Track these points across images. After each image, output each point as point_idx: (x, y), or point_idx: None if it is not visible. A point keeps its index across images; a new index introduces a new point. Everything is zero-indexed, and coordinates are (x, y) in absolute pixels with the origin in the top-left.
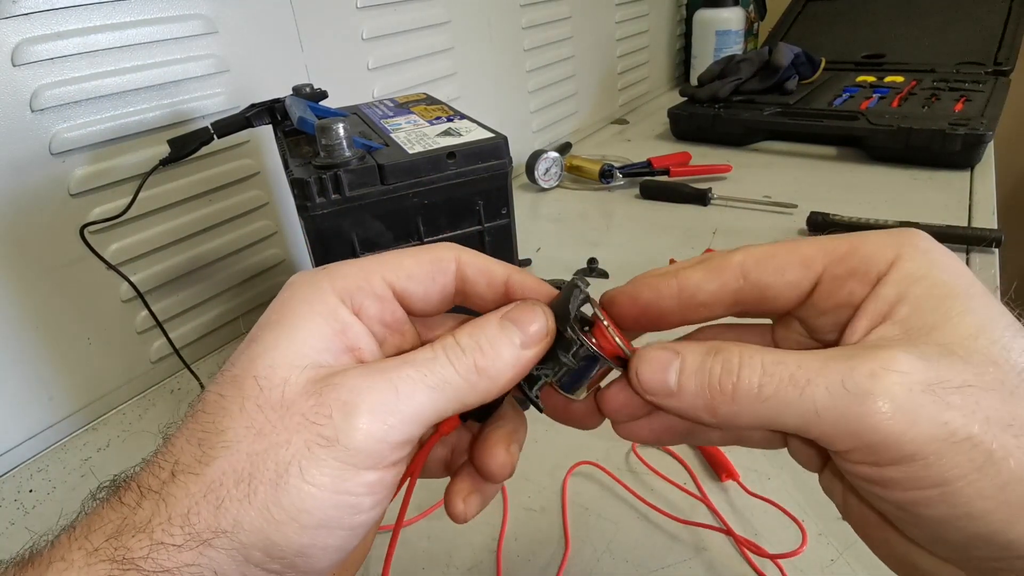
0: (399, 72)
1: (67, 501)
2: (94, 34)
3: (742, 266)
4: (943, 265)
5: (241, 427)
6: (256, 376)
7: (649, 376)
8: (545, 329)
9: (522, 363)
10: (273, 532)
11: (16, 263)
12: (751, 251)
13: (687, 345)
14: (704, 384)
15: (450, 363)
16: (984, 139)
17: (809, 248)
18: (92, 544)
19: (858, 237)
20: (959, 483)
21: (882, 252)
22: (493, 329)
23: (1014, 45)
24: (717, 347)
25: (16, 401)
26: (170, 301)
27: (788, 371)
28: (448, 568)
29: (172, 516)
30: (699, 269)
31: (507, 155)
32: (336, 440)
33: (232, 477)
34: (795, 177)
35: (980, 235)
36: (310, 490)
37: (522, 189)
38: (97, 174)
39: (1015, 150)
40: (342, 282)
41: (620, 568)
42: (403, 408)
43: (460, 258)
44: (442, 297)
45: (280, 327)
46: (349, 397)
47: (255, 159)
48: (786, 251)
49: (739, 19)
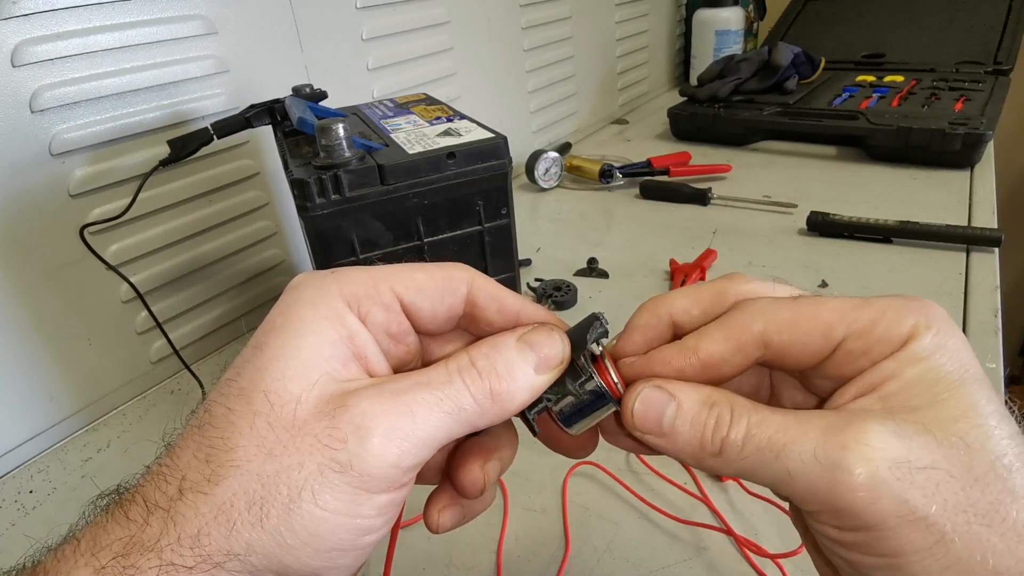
0: (399, 72)
1: (67, 502)
2: (94, 35)
3: (764, 335)
4: (950, 350)
5: (252, 446)
6: (266, 391)
7: (642, 417)
8: (561, 355)
9: (536, 389)
10: (286, 556)
11: (16, 264)
12: (771, 318)
13: (682, 389)
14: (697, 436)
15: (466, 387)
16: (984, 138)
17: (831, 315)
18: (99, 562)
19: (879, 310)
20: (910, 558)
21: (898, 331)
22: (510, 352)
23: (1014, 44)
24: (712, 399)
25: (16, 402)
26: (170, 302)
27: (767, 433)
28: (448, 568)
29: (182, 537)
30: (719, 342)
31: (507, 155)
32: (350, 466)
33: (244, 499)
34: (795, 177)
35: (980, 235)
36: (323, 515)
37: (522, 189)
38: (97, 175)
39: (1015, 149)
40: (350, 287)
41: (621, 568)
42: (418, 433)
43: (473, 282)
44: (449, 316)
45: (286, 333)
46: (363, 422)
47: (255, 160)
48: (808, 319)
49: (739, 19)
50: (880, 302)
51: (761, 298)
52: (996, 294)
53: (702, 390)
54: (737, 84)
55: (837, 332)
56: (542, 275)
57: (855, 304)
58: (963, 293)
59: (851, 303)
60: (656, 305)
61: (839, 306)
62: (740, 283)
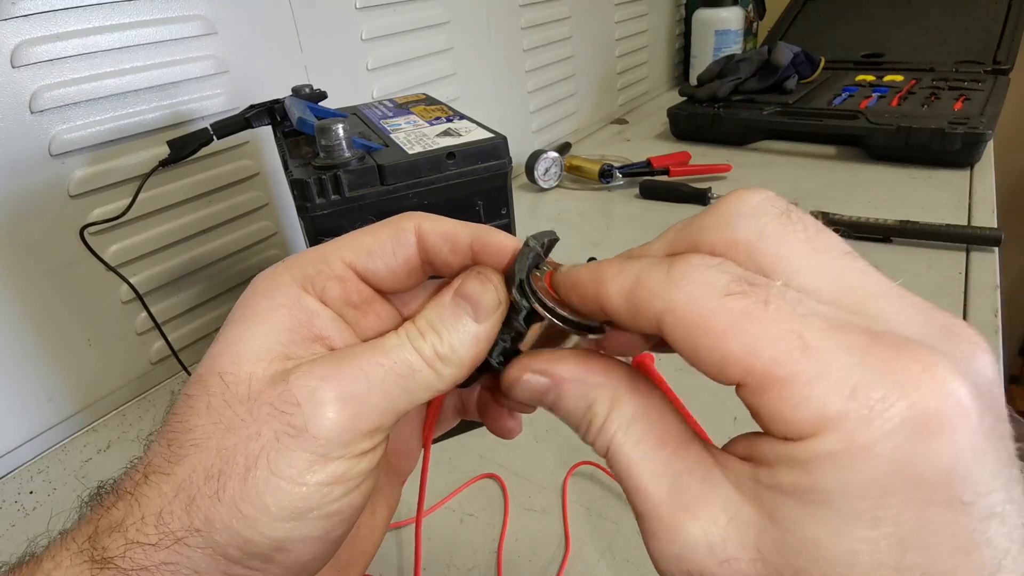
0: (398, 72)
1: (67, 503)
2: (93, 35)
3: (660, 320)
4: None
5: (210, 424)
6: (221, 372)
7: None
8: (496, 299)
9: (481, 339)
10: (244, 528)
11: (16, 264)
12: (677, 305)
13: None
14: (574, 423)
15: (415, 349)
16: (984, 138)
17: (737, 348)
18: (76, 545)
19: (796, 372)
20: None
21: (809, 413)
22: (447, 310)
23: (1013, 44)
24: (592, 396)
25: (16, 403)
26: (170, 302)
27: (622, 463)
28: (448, 568)
29: (146, 516)
30: (622, 295)
31: (507, 155)
32: (305, 429)
33: (202, 474)
34: (795, 176)
35: (980, 234)
36: (278, 483)
37: (522, 189)
38: (97, 175)
39: (1015, 149)
40: (299, 270)
41: (621, 568)
42: (373, 397)
43: (420, 226)
44: (409, 270)
45: (242, 323)
46: (317, 384)
47: (255, 160)
48: (709, 335)
49: (738, 19)
50: (842, 359)
51: (695, 271)
52: (996, 294)
53: (589, 374)
54: (737, 84)
55: (731, 372)
56: None
57: (791, 347)
58: (963, 293)
59: (792, 343)
60: None
61: (766, 341)
62: (724, 221)
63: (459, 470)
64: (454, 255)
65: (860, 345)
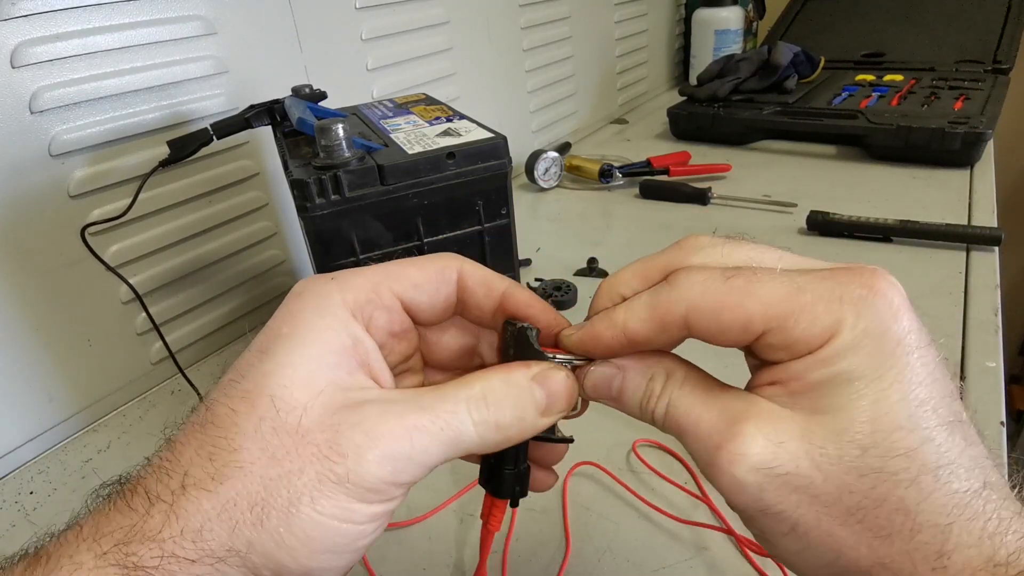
0: (398, 72)
1: (68, 503)
2: (93, 36)
3: (687, 319)
4: (867, 349)
5: (256, 448)
6: (272, 396)
7: (594, 388)
8: (572, 406)
9: (539, 429)
10: (283, 556)
11: (16, 265)
12: (696, 303)
13: (627, 360)
14: (636, 403)
15: (470, 418)
16: (984, 137)
17: (756, 306)
18: (101, 547)
19: (806, 303)
20: (770, 539)
21: (817, 329)
22: (519, 391)
23: (1013, 43)
24: (651, 371)
25: (17, 403)
26: (170, 303)
27: (679, 413)
28: (448, 568)
29: (185, 530)
30: (644, 322)
31: (507, 155)
32: (347, 479)
33: (246, 500)
34: (795, 176)
35: (980, 233)
36: (320, 519)
37: (522, 189)
38: (97, 175)
39: (1015, 148)
40: (352, 294)
41: (621, 568)
42: (416, 457)
43: (462, 268)
44: (445, 306)
45: (292, 340)
46: (363, 441)
47: (255, 160)
48: (731, 309)
49: (738, 18)
50: (818, 286)
51: (694, 273)
52: (996, 293)
53: (644, 360)
54: (736, 83)
55: (756, 327)
56: (542, 275)
57: (789, 292)
58: (963, 292)
59: (787, 289)
60: (610, 286)
61: (771, 293)
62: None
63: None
64: (487, 300)
65: (827, 276)
